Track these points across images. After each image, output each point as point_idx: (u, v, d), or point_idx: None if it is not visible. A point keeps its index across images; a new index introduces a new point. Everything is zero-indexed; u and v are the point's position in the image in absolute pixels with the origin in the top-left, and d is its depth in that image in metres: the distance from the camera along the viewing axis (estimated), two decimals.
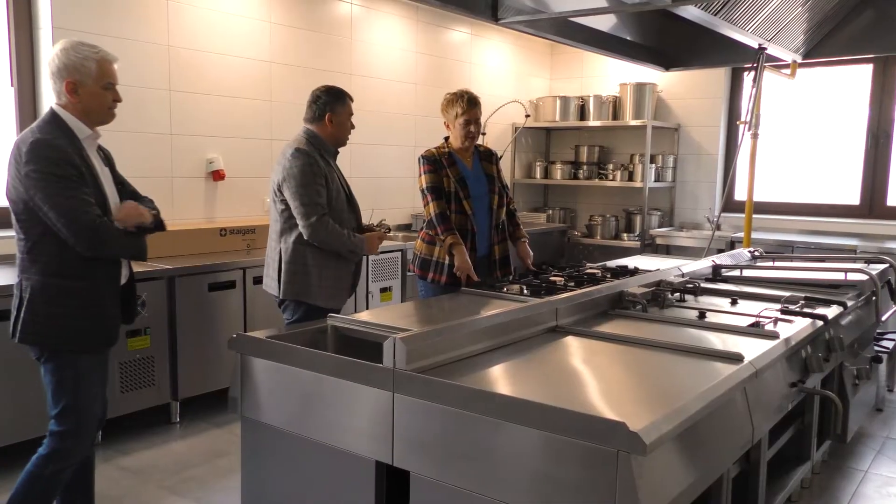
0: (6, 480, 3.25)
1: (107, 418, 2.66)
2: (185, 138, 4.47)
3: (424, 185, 3.49)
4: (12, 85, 3.89)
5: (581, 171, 7.00)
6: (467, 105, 3.49)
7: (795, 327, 2.58)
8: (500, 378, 1.96)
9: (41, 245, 2.31)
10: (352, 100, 3.29)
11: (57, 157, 2.26)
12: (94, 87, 2.37)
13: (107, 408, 2.60)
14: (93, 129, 2.42)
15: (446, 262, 3.47)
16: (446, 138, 3.60)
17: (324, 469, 2.08)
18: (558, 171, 7.10)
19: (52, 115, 2.36)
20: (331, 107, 3.19)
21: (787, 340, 2.42)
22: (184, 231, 4.22)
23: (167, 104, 4.36)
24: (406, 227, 5.89)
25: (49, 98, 3.88)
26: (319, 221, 3.05)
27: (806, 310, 2.80)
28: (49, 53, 2.38)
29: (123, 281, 2.53)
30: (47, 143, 2.27)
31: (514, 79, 7.06)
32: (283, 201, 3.14)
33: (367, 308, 4.72)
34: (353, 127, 3.32)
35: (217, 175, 4.63)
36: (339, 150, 3.33)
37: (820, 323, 2.71)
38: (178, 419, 3.99)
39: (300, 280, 3.14)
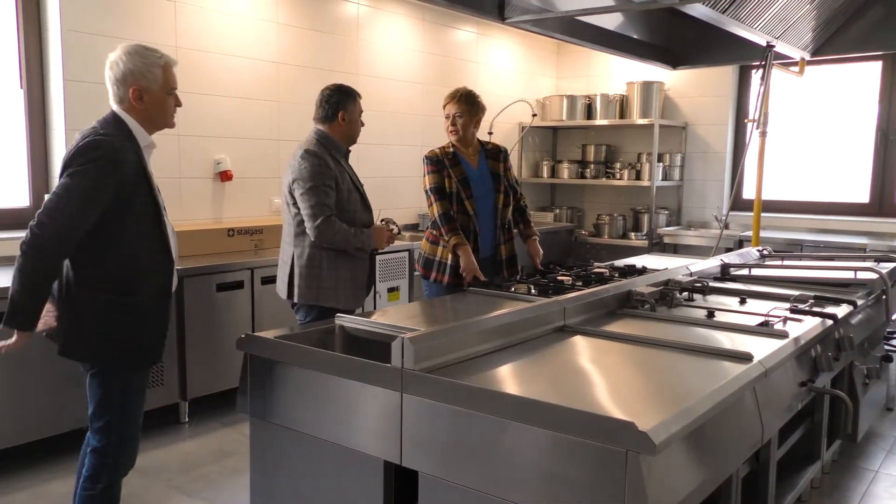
0: (13, 480, 3.27)
1: None
2: (192, 139, 4.49)
3: (428, 186, 3.50)
4: (22, 87, 3.91)
5: (588, 171, 6.98)
6: (448, 98, 3.52)
7: (805, 326, 2.57)
8: (509, 378, 1.95)
9: (89, 258, 2.22)
10: (360, 97, 3.30)
11: (116, 160, 2.18)
12: (159, 93, 2.32)
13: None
14: (151, 139, 2.36)
15: (449, 262, 3.46)
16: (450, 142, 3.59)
17: (332, 469, 2.08)
18: (565, 171, 7.09)
19: (115, 117, 2.28)
20: (343, 105, 3.19)
21: (796, 340, 2.40)
22: (192, 231, 4.23)
23: None
24: (413, 227, 5.89)
25: (58, 100, 3.90)
26: (325, 223, 3.05)
27: (815, 309, 2.79)
28: (112, 57, 2.29)
29: (175, 288, 2.45)
30: (111, 145, 2.18)
31: (521, 78, 7.05)
32: (296, 204, 3.13)
33: (375, 308, 4.72)
34: (362, 124, 3.32)
35: (225, 176, 4.64)
36: (350, 149, 3.33)
37: (830, 322, 2.70)
38: (187, 419, 4.00)
39: (317, 284, 3.13)
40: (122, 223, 2.24)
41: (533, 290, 2.95)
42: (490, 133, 6.26)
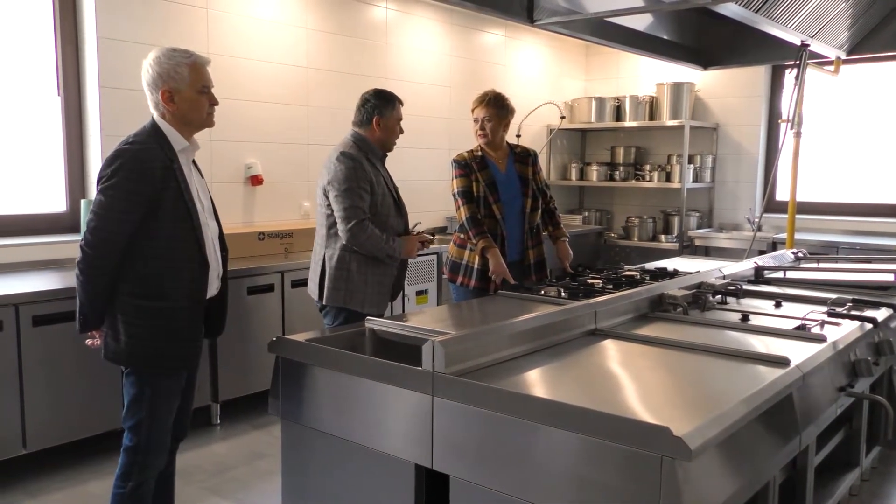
0: (52, 481, 3.33)
1: None
2: (224, 144, 4.54)
3: (455, 190, 3.49)
4: (59, 94, 3.99)
5: (617, 173, 6.93)
6: (476, 102, 3.51)
7: (843, 330, 2.52)
8: (540, 381, 1.94)
9: (126, 264, 2.27)
10: (402, 104, 3.28)
11: (140, 169, 2.22)
12: (189, 92, 2.33)
13: (189, 423, 2.60)
14: (190, 141, 2.38)
15: (475, 266, 3.45)
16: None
17: (363, 472, 2.09)
18: (594, 173, 7.04)
19: (152, 124, 2.33)
20: (379, 111, 3.19)
21: (834, 344, 2.35)
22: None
23: None
24: (441, 231, 5.89)
25: (94, 107, 3.98)
26: (359, 226, 3.04)
27: (854, 312, 2.73)
28: (144, 64, 2.34)
29: (214, 293, 2.48)
30: (133, 154, 2.23)
31: (549, 80, 7.02)
32: (330, 206, 3.14)
33: (404, 311, 4.73)
34: (401, 132, 3.29)
35: (255, 180, 4.69)
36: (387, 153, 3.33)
37: (869, 326, 2.64)
38: (219, 421, 4.05)
39: (344, 286, 3.14)
40: (152, 228, 2.27)
41: (563, 294, 2.93)
42: (518, 136, 6.25)
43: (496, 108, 3.48)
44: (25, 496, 3.18)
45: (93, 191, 4.07)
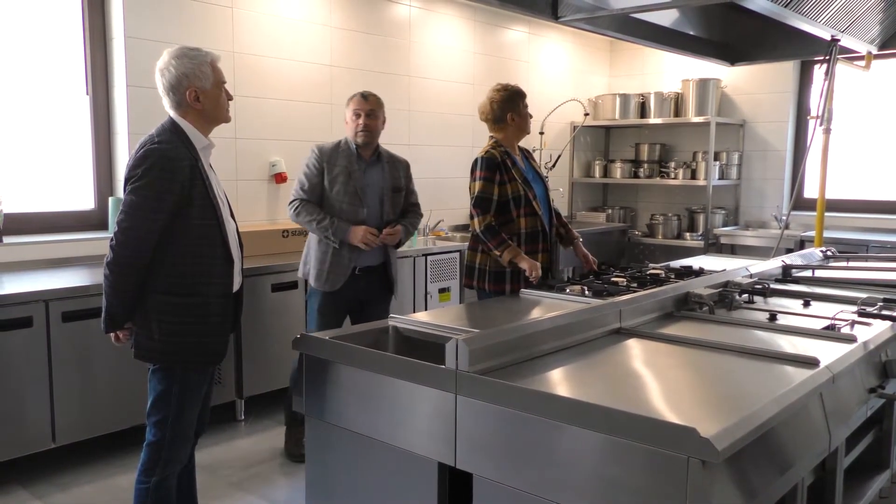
0: (81, 474, 3.39)
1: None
2: (248, 142, 4.58)
3: (475, 193, 3.30)
4: (88, 93, 4.05)
5: (641, 170, 6.87)
6: (519, 93, 3.45)
7: (874, 330, 2.47)
8: (564, 380, 1.93)
9: (157, 262, 2.29)
10: (364, 96, 3.52)
11: (171, 168, 2.24)
12: (213, 90, 2.37)
13: (208, 418, 2.62)
14: (208, 139, 2.41)
15: (508, 268, 3.31)
16: (496, 141, 3.40)
17: (387, 469, 2.09)
18: (618, 170, 6.98)
19: (172, 123, 2.35)
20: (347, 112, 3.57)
21: (865, 344, 2.31)
22: (248, 233, 4.28)
23: (232, 109, 4.42)
24: (463, 228, 5.89)
25: (122, 105, 4.03)
26: (290, 205, 3.50)
27: (885, 312, 2.68)
28: (160, 64, 2.34)
29: (237, 287, 2.51)
30: (163, 154, 2.26)
31: (573, 77, 6.98)
32: None
33: (426, 309, 4.74)
34: (358, 118, 3.52)
35: (279, 177, 4.72)
36: (370, 146, 3.57)
37: None
38: (243, 416, 4.09)
39: (305, 261, 3.61)
40: (181, 227, 2.30)
41: (587, 292, 2.91)
42: (541, 133, 6.22)
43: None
44: (56, 489, 3.24)
45: (120, 189, 4.14)
